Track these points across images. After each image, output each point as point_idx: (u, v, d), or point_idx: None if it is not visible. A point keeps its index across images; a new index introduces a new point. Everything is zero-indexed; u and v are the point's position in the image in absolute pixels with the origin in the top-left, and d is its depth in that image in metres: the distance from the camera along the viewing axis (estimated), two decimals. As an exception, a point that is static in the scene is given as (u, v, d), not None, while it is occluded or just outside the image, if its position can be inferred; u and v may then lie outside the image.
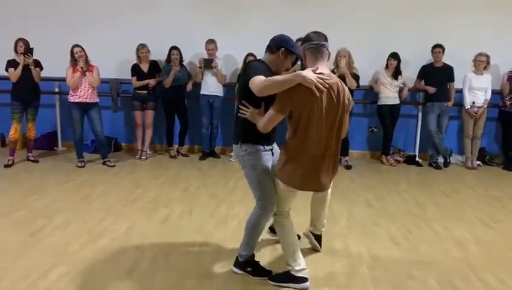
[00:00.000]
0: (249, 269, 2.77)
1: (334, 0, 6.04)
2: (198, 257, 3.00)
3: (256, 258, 2.83)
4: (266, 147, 2.63)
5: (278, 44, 2.53)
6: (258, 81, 2.34)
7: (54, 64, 5.47)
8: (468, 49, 5.77)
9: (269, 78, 2.34)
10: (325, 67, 2.38)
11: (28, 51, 5.16)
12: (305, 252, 3.08)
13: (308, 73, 2.26)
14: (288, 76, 2.28)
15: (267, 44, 2.60)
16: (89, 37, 5.79)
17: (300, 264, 2.65)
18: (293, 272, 2.64)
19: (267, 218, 2.67)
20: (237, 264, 2.82)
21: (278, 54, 2.52)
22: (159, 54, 5.91)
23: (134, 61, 5.81)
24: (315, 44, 2.37)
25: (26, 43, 5.21)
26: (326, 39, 2.40)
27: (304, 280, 2.63)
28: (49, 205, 3.96)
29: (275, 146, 2.78)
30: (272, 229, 3.25)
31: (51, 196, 4.23)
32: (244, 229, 2.77)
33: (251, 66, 2.53)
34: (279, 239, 2.76)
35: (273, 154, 2.69)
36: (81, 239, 3.23)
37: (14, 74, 5.17)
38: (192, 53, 6.10)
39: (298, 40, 5.69)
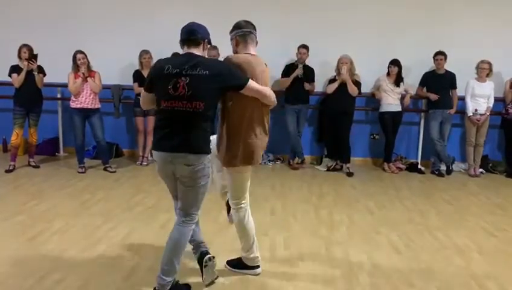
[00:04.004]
0: None
1: (335, 7, 6.04)
2: (196, 263, 2.97)
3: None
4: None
5: None
6: None
7: (56, 70, 5.50)
8: (470, 56, 5.75)
9: None
10: (253, 51, 2.62)
11: (32, 56, 5.19)
12: (307, 258, 3.06)
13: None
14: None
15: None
16: (92, 43, 5.81)
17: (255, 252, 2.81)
18: (245, 261, 2.83)
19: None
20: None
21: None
22: (161, 60, 5.93)
23: (136, 67, 5.82)
24: (246, 31, 2.61)
25: (30, 49, 5.22)
26: (254, 28, 2.66)
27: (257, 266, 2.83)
28: (49, 210, 3.95)
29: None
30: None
31: (51, 201, 4.22)
32: (173, 250, 2.46)
33: None
34: (240, 230, 2.80)
35: None
36: (79, 244, 3.21)
37: (18, 79, 5.19)
38: (195, 59, 6.11)
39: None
